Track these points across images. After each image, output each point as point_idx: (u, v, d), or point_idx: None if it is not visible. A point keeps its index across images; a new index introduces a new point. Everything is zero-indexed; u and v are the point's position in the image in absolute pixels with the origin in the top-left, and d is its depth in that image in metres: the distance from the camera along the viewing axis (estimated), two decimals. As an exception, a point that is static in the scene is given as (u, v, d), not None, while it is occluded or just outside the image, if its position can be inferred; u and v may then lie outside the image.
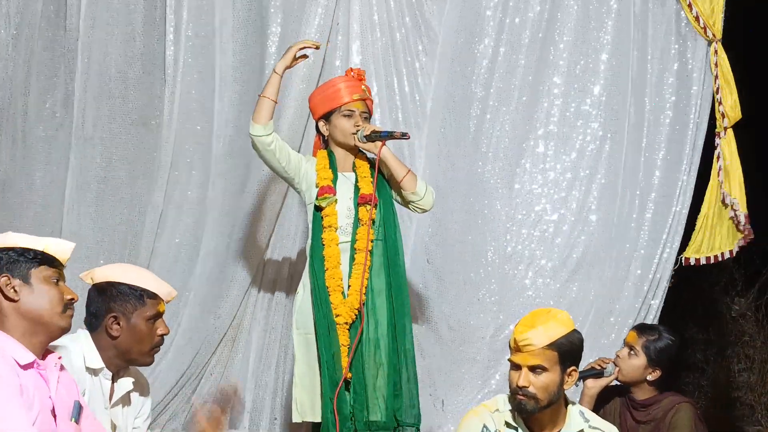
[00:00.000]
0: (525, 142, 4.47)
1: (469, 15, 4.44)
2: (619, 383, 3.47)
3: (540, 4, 4.44)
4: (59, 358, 2.46)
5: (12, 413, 2.19)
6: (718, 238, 4.41)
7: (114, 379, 2.80)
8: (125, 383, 2.83)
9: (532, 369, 2.70)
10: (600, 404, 3.48)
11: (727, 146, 4.39)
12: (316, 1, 4.32)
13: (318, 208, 3.56)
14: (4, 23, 4.07)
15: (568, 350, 2.74)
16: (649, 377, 3.41)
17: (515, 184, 4.46)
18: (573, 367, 2.77)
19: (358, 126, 3.58)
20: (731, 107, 4.36)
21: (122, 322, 2.73)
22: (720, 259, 4.44)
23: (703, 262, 4.43)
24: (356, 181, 3.61)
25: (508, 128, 4.46)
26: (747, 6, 4.71)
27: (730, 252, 4.43)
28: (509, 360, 2.77)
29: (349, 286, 3.51)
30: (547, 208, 4.46)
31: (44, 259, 2.41)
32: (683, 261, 4.43)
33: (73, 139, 4.18)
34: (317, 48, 3.73)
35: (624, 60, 4.43)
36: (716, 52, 4.38)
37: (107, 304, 2.74)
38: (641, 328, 3.52)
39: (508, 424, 2.78)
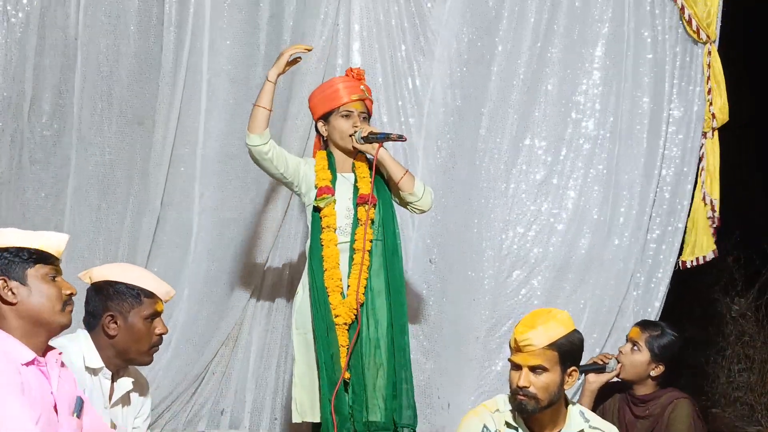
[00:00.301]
0: (522, 141, 4.47)
1: (470, 17, 4.44)
2: (620, 380, 3.47)
3: (539, 5, 4.44)
4: (59, 354, 2.46)
5: (15, 412, 2.19)
6: (705, 238, 4.44)
7: (114, 379, 2.79)
8: (125, 383, 2.82)
9: (533, 369, 2.70)
10: (600, 400, 3.49)
11: (711, 147, 4.42)
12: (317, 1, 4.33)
13: (316, 209, 3.55)
14: (6, 25, 4.06)
15: (569, 350, 2.74)
16: (652, 373, 3.41)
17: (511, 183, 4.46)
18: (573, 368, 2.77)
19: (356, 127, 3.56)
20: (720, 109, 4.39)
21: (119, 321, 2.72)
22: (706, 260, 4.46)
23: (694, 263, 4.46)
24: (355, 181, 3.60)
25: (507, 128, 4.45)
26: (747, 6, 4.71)
27: (714, 252, 4.45)
28: (509, 360, 2.77)
29: (348, 287, 3.50)
30: (542, 207, 4.46)
31: (40, 258, 2.39)
32: (680, 265, 4.45)
33: (73, 139, 4.17)
34: (309, 51, 3.70)
35: (618, 60, 4.43)
36: (709, 53, 4.40)
37: (104, 303, 2.73)
38: (644, 324, 3.53)
39: (508, 425, 2.78)
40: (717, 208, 4.40)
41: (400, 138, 3.56)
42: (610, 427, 2.89)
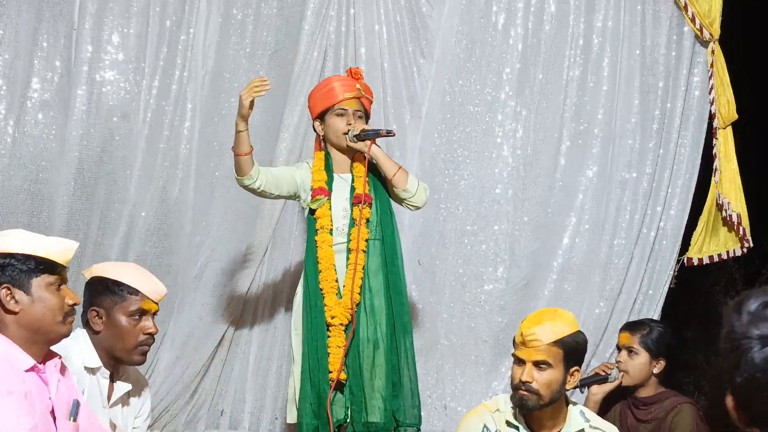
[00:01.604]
0: (520, 143, 4.46)
1: (468, 19, 4.44)
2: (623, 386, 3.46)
3: (537, 5, 4.43)
4: (59, 358, 2.44)
5: (12, 420, 2.17)
6: (722, 238, 4.40)
7: (113, 379, 2.79)
8: (124, 383, 2.82)
9: (537, 364, 2.70)
10: (604, 410, 3.47)
11: (722, 146, 4.38)
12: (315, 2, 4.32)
13: (311, 211, 3.54)
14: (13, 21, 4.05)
15: (574, 349, 2.73)
16: (655, 370, 3.42)
17: (509, 185, 4.45)
18: (576, 368, 2.76)
19: (349, 125, 3.55)
20: (725, 107, 4.36)
21: (103, 317, 2.72)
22: (725, 258, 4.44)
23: (706, 261, 4.43)
24: (352, 181, 3.58)
25: (504, 130, 4.45)
26: (746, 5, 4.70)
27: (735, 251, 4.41)
28: (513, 355, 2.76)
29: (344, 287, 3.48)
30: (540, 209, 4.46)
31: (46, 267, 2.35)
32: (686, 261, 4.43)
33: (70, 134, 4.15)
34: (268, 90, 3.38)
35: (616, 59, 4.43)
36: (713, 52, 4.37)
37: (90, 298, 2.74)
38: (630, 327, 3.53)
39: (509, 423, 2.77)
40: (731, 207, 4.35)
41: (389, 133, 3.54)
42: (611, 427, 2.88)
